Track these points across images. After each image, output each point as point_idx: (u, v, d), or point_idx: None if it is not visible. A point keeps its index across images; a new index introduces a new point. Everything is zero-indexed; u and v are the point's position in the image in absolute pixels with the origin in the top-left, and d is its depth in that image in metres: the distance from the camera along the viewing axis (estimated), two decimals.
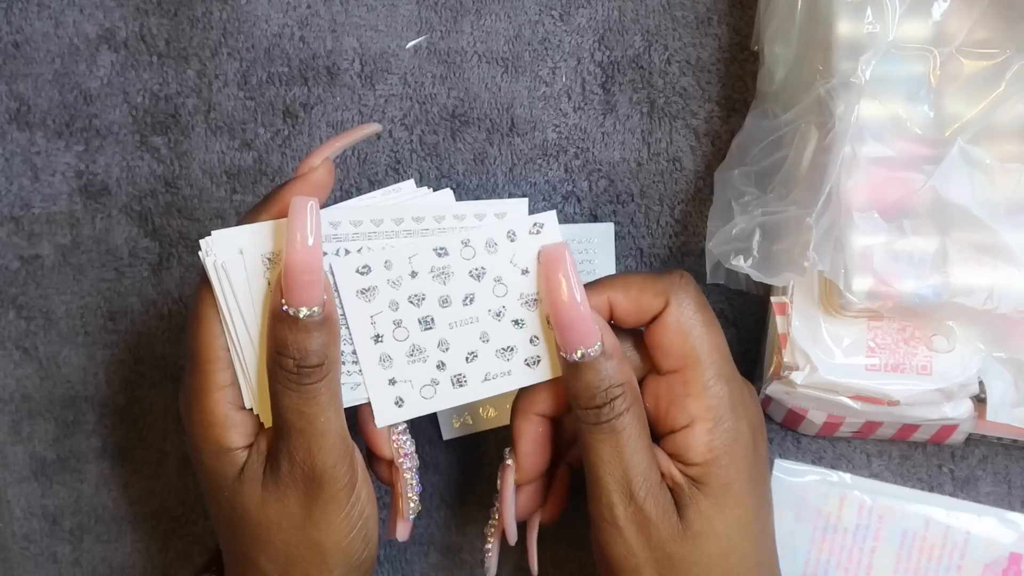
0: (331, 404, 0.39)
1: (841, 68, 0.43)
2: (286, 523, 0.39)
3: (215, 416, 0.39)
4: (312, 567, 0.40)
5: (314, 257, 0.37)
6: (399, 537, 0.43)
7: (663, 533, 0.39)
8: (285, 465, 0.39)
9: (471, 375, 0.41)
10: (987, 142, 0.43)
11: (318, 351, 0.38)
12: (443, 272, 0.40)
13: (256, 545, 0.40)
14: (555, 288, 0.39)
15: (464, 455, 0.51)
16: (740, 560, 0.39)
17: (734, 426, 0.39)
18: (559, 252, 0.39)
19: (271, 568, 0.40)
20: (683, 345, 0.39)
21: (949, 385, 0.43)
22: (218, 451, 0.39)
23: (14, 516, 0.52)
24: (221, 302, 0.39)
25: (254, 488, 0.39)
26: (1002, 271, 0.42)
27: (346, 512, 0.39)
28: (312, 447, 0.38)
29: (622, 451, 0.39)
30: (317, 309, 0.38)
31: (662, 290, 0.40)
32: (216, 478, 0.40)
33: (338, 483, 0.39)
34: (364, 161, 0.52)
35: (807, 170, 0.44)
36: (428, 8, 0.53)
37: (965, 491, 0.48)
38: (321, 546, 0.39)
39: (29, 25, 0.54)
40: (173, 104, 0.53)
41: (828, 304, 0.44)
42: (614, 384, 0.38)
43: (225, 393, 0.40)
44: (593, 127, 0.52)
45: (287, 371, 0.38)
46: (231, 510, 0.40)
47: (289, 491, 0.39)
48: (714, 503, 0.39)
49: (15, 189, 0.53)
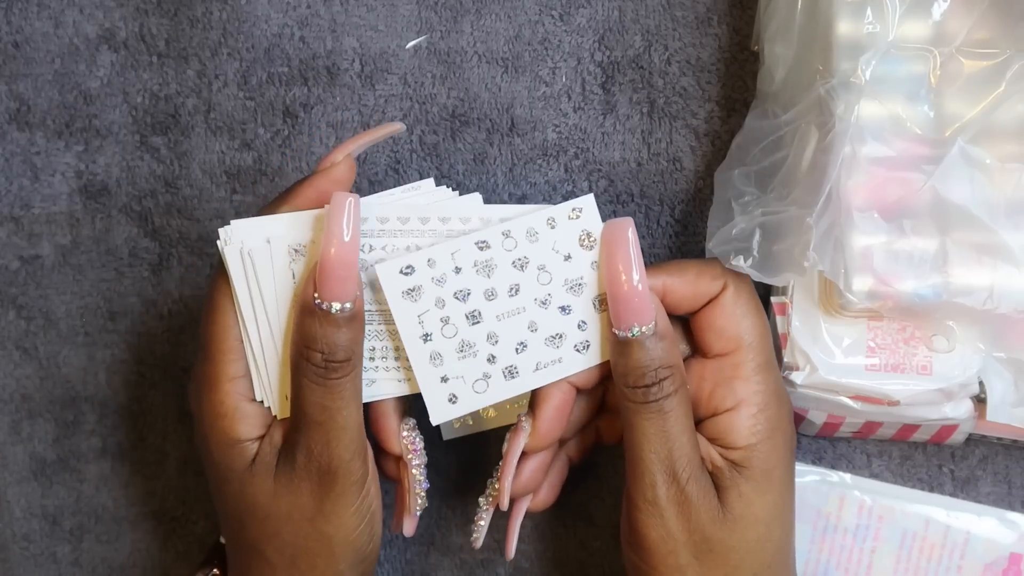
0: (353, 399, 0.39)
1: (841, 68, 0.43)
2: (297, 515, 0.39)
3: (225, 407, 0.39)
4: (320, 559, 0.40)
5: (351, 252, 0.38)
6: (406, 532, 0.43)
7: (703, 516, 0.39)
8: (302, 458, 0.39)
9: (522, 365, 0.41)
10: (987, 142, 0.43)
11: (346, 346, 0.38)
12: (487, 265, 0.41)
13: (264, 536, 0.40)
14: (615, 263, 0.39)
15: (464, 455, 0.51)
16: (776, 549, 0.39)
17: (777, 412, 0.40)
18: (623, 228, 0.39)
19: (278, 559, 0.40)
20: (737, 327, 0.40)
21: (949, 385, 0.43)
22: (227, 442, 0.40)
23: (14, 516, 0.52)
24: (242, 292, 0.39)
25: (266, 480, 0.39)
26: (1002, 271, 0.42)
27: (356, 506, 0.40)
28: (332, 441, 0.38)
29: (668, 432, 0.39)
30: (349, 305, 0.38)
31: (719, 274, 0.41)
32: (224, 470, 0.40)
33: (352, 477, 0.39)
34: (364, 161, 0.52)
35: (807, 170, 0.44)
36: (428, 8, 0.53)
37: (965, 491, 0.49)
38: (330, 539, 0.39)
39: (29, 25, 0.54)
40: (173, 104, 0.53)
41: (828, 304, 0.44)
42: (664, 364, 0.39)
43: (236, 384, 0.40)
44: (593, 127, 0.52)
45: (314, 365, 0.38)
46: (239, 501, 0.40)
47: (303, 484, 0.39)
48: (755, 487, 0.39)
49: (15, 189, 0.53)
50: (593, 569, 0.51)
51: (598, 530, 0.51)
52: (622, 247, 0.39)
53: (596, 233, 0.40)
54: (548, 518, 0.45)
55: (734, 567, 0.39)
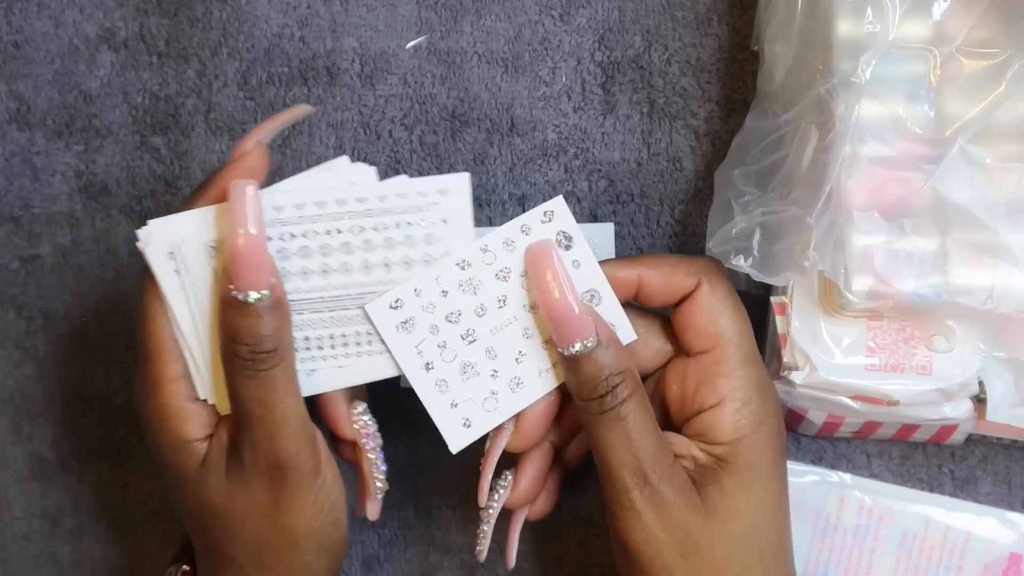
0: (289, 390, 0.38)
1: (841, 68, 0.43)
2: (254, 512, 0.39)
3: (170, 409, 0.39)
4: (285, 552, 0.40)
5: (258, 239, 0.37)
6: (369, 516, 0.43)
7: (683, 512, 0.38)
8: (248, 454, 0.38)
9: (525, 374, 0.41)
10: (987, 142, 0.43)
11: (271, 336, 0.38)
12: (471, 283, 0.41)
13: (226, 536, 0.40)
14: (544, 286, 0.39)
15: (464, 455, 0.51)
16: (764, 544, 0.39)
17: (761, 407, 0.40)
18: (544, 249, 0.39)
19: (243, 557, 0.40)
20: (715, 324, 0.40)
21: (949, 385, 0.43)
22: (177, 444, 0.39)
23: (14, 516, 0.52)
24: (168, 292, 0.39)
25: (218, 480, 0.39)
26: (1002, 271, 0.42)
27: (313, 497, 0.39)
28: (274, 435, 0.38)
29: (630, 436, 0.38)
30: (267, 293, 0.37)
31: (695, 270, 0.40)
32: (178, 471, 0.40)
33: (302, 469, 0.39)
34: (364, 161, 0.52)
35: (807, 170, 0.44)
36: (428, 8, 0.53)
37: (965, 491, 0.48)
38: (292, 532, 0.39)
39: (29, 25, 0.54)
40: (173, 104, 0.53)
41: (828, 304, 0.44)
42: (614, 372, 0.39)
43: (178, 385, 0.39)
44: (593, 127, 0.52)
45: (242, 358, 0.37)
46: (196, 502, 0.40)
47: (254, 480, 0.39)
48: (738, 482, 0.39)
49: (15, 189, 0.53)
50: (593, 569, 0.51)
51: (598, 530, 0.51)
52: (548, 268, 0.39)
53: (573, 232, 0.40)
54: (548, 518, 0.45)
55: (722, 562, 0.39)
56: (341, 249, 0.40)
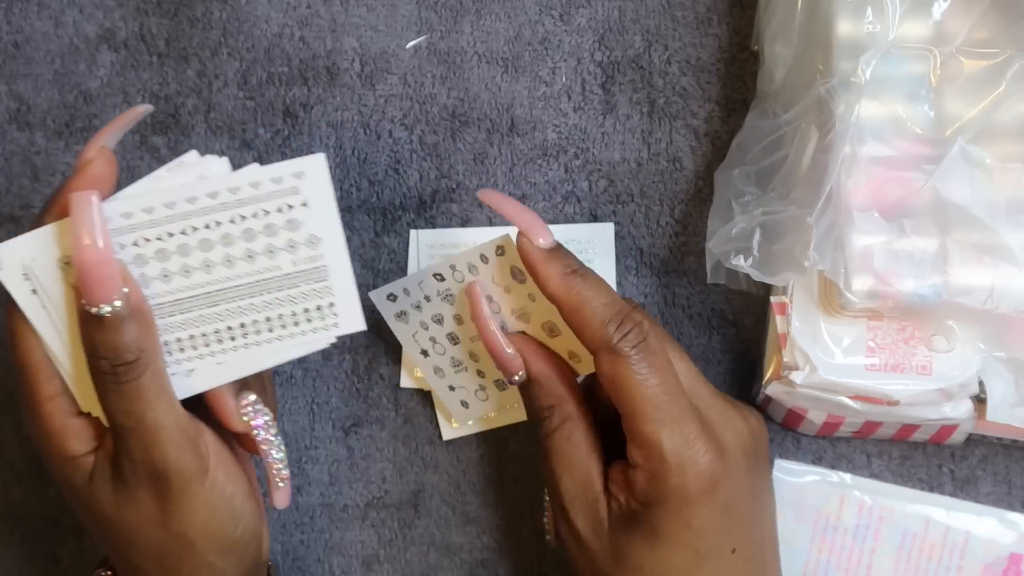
0: (159, 397, 0.38)
1: (841, 68, 0.43)
2: (145, 521, 0.39)
3: (51, 427, 0.39)
4: (185, 556, 0.39)
5: (103, 250, 0.36)
6: (277, 505, 0.42)
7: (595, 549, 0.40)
8: (128, 466, 0.38)
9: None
10: (987, 142, 0.43)
11: (131, 346, 0.37)
12: (447, 294, 0.43)
13: (125, 545, 0.40)
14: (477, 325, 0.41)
15: (464, 455, 0.51)
16: None
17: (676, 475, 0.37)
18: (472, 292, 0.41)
19: (146, 564, 0.40)
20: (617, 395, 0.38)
21: (949, 385, 0.43)
22: (63, 460, 0.39)
23: (14, 516, 0.52)
24: (29, 314, 0.38)
25: (106, 492, 0.39)
26: (1002, 271, 0.42)
27: (204, 499, 0.39)
28: (148, 444, 0.37)
29: (553, 471, 0.40)
30: (120, 303, 0.36)
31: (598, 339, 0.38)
32: (68, 487, 0.39)
33: (185, 473, 0.38)
34: (364, 161, 0.52)
35: (807, 170, 0.44)
36: (428, 8, 0.53)
37: (965, 491, 0.48)
38: (186, 536, 0.39)
39: (29, 25, 0.54)
40: (173, 104, 0.53)
41: (828, 304, 0.44)
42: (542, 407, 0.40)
43: (58, 403, 0.39)
44: (593, 127, 0.52)
45: (104, 372, 0.37)
46: (90, 515, 0.40)
47: (139, 491, 0.38)
48: (644, 540, 0.39)
49: (15, 189, 0.53)
50: None
51: None
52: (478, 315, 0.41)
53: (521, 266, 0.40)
54: None
55: None
56: (200, 246, 0.39)
